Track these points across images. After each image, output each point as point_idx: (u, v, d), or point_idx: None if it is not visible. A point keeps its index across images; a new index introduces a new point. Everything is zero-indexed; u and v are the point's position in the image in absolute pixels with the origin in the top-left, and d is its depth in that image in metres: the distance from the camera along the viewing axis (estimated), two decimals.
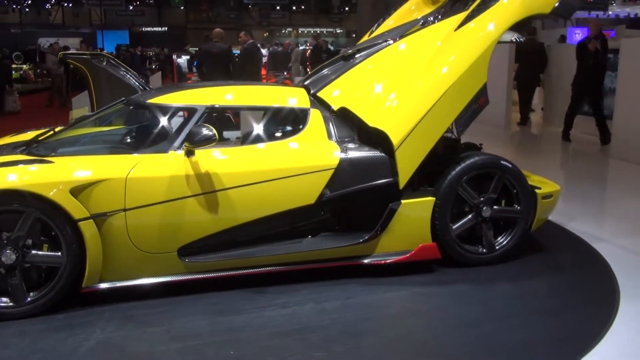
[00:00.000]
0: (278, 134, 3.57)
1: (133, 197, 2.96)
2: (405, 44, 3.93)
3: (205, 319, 2.84)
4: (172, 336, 2.65)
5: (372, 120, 3.47)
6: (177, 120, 3.42)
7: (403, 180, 3.37)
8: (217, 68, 7.34)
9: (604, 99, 8.04)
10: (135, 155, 3.12)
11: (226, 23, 28.05)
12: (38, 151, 3.31)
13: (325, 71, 4.24)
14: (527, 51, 9.80)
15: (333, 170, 3.27)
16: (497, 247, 3.62)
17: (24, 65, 15.84)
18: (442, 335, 2.68)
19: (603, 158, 7.32)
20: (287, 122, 3.65)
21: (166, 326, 2.75)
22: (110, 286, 2.99)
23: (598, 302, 3.07)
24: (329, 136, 3.50)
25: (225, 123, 5.76)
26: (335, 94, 3.81)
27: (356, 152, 3.37)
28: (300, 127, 3.52)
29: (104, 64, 5.37)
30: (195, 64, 8.91)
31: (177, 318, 2.84)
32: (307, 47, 16.16)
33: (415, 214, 3.41)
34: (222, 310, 2.94)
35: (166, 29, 29.90)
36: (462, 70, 3.39)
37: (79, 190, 2.87)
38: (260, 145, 3.38)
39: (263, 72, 11.20)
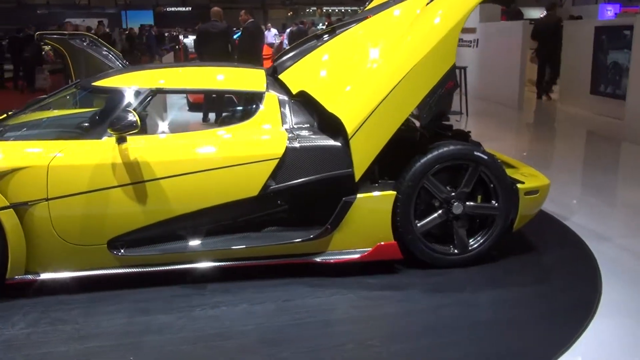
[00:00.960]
0: (227, 120, 3.40)
1: (56, 186, 2.84)
2: (379, 19, 3.66)
3: (125, 317, 2.71)
4: (80, 336, 2.53)
5: (331, 105, 3.24)
6: (126, 104, 3.29)
7: (358, 172, 3.13)
8: (216, 48, 7.19)
9: None
10: (62, 141, 3.02)
11: (250, 2, 27.83)
12: None
13: (295, 51, 4.02)
14: (544, 28, 9.65)
15: (277, 160, 3.06)
16: (470, 248, 3.35)
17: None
18: (373, 347, 2.45)
19: (616, 141, 6.88)
20: (238, 107, 3.47)
21: (80, 324, 2.64)
22: (35, 278, 2.91)
23: (569, 315, 2.76)
24: (284, 122, 3.30)
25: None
26: (297, 76, 3.60)
27: (307, 141, 3.15)
28: (252, 112, 3.33)
29: (85, 44, 5.29)
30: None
31: (95, 315, 2.73)
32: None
33: (373, 209, 3.17)
34: (147, 308, 2.80)
35: (190, 8, 29.98)
36: (425, 51, 3.10)
37: None
38: (201, 132, 3.22)
39: (269, 52, 10.97)
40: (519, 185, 3.37)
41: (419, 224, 3.26)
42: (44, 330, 2.59)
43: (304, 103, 3.41)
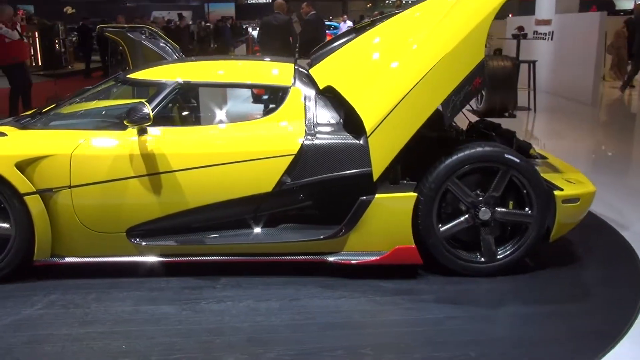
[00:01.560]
0: (250, 114, 3.42)
1: (78, 174, 3.00)
2: (412, 12, 3.52)
3: (133, 305, 2.81)
4: (85, 320, 2.66)
5: (355, 101, 3.17)
6: (153, 96, 3.39)
7: (377, 171, 3.03)
8: (277, 40, 7.26)
9: None
10: (87, 131, 3.17)
11: None
12: (33, 124, 3.48)
13: (333, 45, 3.96)
14: (637, 19, 9.08)
15: (292, 156, 3.03)
16: (499, 257, 3.16)
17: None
18: (364, 355, 2.35)
19: None
20: (263, 101, 3.47)
21: (91, 309, 2.77)
22: (59, 261, 3.08)
23: (594, 338, 2.52)
24: (307, 118, 3.26)
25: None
26: (326, 70, 3.53)
27: (324, 138, 3.09)
28: (276, 107, 3.32)
29: (143, 37, 5.53)
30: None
31: (107, 301, 2.85)
32: None
33: (392, 210, 3.07)
34: (158, 298, 2.89)
35: (271, 0, 30.67)
36: (452, 45, 2.93)
37: (25, 165, 2.96)
38: (221, 126, 3.26)
39: None
40: (556, 192, 3.12)
41: (442, 228, 3.12)
42: (56, 313, 2.75)
43: (332, 98, 3.35)
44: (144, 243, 3.09)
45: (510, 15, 15.01)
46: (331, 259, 3.11)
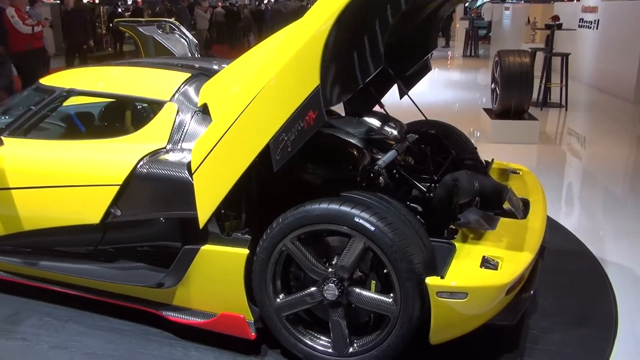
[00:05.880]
0: (117, 130, 3.20)
1: None
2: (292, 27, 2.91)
3: None
4: None
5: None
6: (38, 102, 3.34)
7: (203, 216, 2.59)
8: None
9: None
10: None
11: None
12: None
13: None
14: None
15: (118, 187, 2.77)
16: (350, 351, 2.50)
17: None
18: None
19: None
20: (138, 116, 3.23)
21: None
22: None
23: None
24: (172, 140, 2.93)
25: None
26: (215, 84, 3.12)
27: (159, 168, 2.74)
28: (144, 123, 3.06)
29: (160, 31, 5.65)
30: None
31: None
32: None
33: (220, 267, 2.62)
34: None
35: None
36: (271, 74, 2.33)
37: None
38: (74, 143, 3.10)
39: None
40: (427, 280, 2.31)
41: (279, 300, 2.57)
42: None
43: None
44: None
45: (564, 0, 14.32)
46: (164, 312, 2.80)
